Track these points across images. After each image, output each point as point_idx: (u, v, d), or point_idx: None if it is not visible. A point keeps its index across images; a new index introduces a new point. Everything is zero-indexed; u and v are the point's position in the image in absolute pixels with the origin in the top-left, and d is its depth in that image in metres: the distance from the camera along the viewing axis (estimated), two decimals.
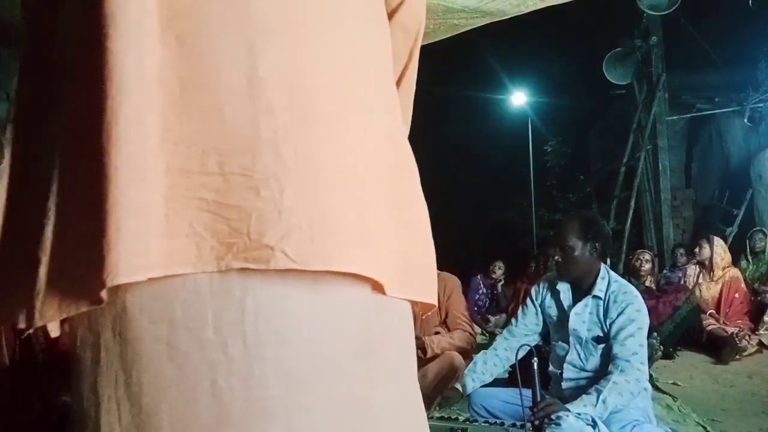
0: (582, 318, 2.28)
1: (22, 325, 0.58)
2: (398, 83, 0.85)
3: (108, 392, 0.58)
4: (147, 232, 0.55)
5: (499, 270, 6.87)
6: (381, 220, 0.65)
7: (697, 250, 5.24)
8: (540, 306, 2.49)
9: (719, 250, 5.13)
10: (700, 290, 5.03)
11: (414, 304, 0.73)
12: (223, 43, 0.59)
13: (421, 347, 2.79)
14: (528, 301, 2.54)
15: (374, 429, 0.63)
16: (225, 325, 0.57)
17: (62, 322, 0.62)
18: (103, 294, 0.54)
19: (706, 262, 5.15)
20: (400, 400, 0.67)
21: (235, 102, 0.58)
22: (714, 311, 4.85)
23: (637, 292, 2.28)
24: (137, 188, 0.55)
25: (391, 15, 0.80)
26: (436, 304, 0.74)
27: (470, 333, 2.96)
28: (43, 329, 0.61)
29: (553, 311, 2.44)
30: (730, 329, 4.37)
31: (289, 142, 0.59)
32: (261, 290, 0.58)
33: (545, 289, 2.49)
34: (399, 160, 0.70)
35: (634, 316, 2.16)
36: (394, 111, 0.73)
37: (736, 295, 4.85)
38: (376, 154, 0.66)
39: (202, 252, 0.57)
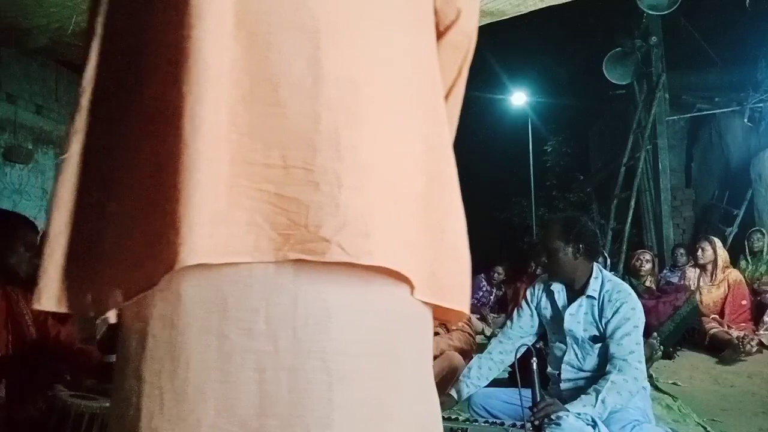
0: (577, 318, 2.28)
1: (91, 313, 0.61)
2: (446, 97, 0.87)
3: (152, 379, 0.59)
4: (211, 220, 0.57)
5: (498, 275, 7.06)
6: (414, 223, 0.66)
7: (699, 253, 5.06)
8: (536, 308, 2.49)
9: (721, 252, 5.01)
10: (701, 294, 4.87)
11: (445, 312, 0.74)
12: (290, 43, 0.61)
13: None
14: (523, 303, 2.55)
15: (405, 430, 0.64)
16: (276, 317, 0.58)
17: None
18: (158, 279, 0.55)
19: (709, 266, 5.00)
20: (419, 404, 0.68)
21: (299, 99, 0.60)
22: (717, 316, 4.73)
23: (631, 290, 2.28)
24: (210, 176, 0.57)
25: (443, 33, 0.82)
26: (468, 311, 0.74)
27: (469, 334, 2.97)
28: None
29: (548, 312, 2.45)
30: (735, 333, 4.31)
31: (347, 140, 0.61)
32: (312, 285, 0.60)
33: (540, 291, 2.49)
34: (435, 165, 0.71)
35: (630, 315, 2.17)
36: (435, 116, 0.74)
37: (743, 302, 4.77)
38: (414, 156, 0.68)
39: (260, 242, 0.58)
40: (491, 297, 7.00)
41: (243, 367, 0.58)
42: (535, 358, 2.00)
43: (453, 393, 2.40)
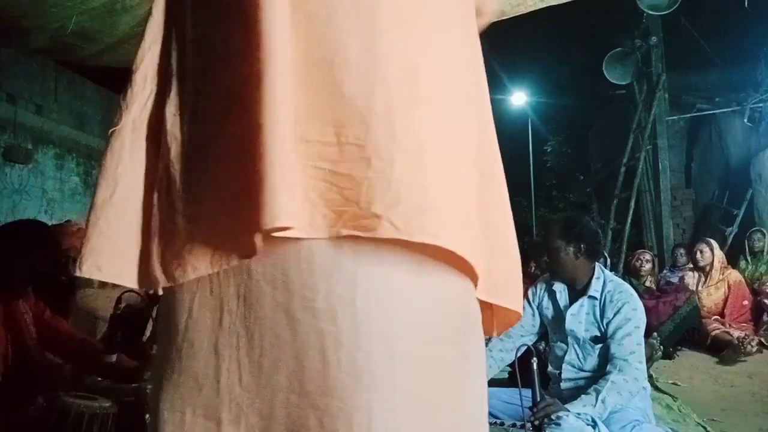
0: (578, 318, 2.28)
1: (166, 282, 0.62)
2: None
3: (229, 353, 0.61)
4: (283, 192, 0.58)
5: None
6: (472, 216, 0.66)
7: (698, 255, 5.06)
8: (537, 307, 2.49)
9: (718, 253, 5.02)
10: (700, 297, 4.85)
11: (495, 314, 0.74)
12: (347, 24, 0.62)
13: None
14: (524, 302, 2.54)
15: (464, 417, 0.65)
16: (336, 297, 0.59)
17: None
18: (258, 245, 0.56)
19: (707, 267, 5.01)
20: (479, 390, 0.69)
21: (354, 78, 0.61)
22: (718, 317, 4.74)
23: (632, 291, 2.28)
24: (281, 152, 0.58)
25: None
26: (521, 311, 0.73)
27: None
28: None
29: (549, 312, 2.44)
30: (736, 333, 4.31)
31: (401, 118, 0.61)
32: (372, 266, 0.60)
33: (542, 290, 2.49)
34: (487, 163, 0.71)
35: (631, 315, 2.16)
36: (484, 112, 0.74)
37: (744, 302, 4.77)
38: (468, 149, 0.68)
39: (314, 219, 0.59)
40: None
41: (308, 346, 0.59)
42: (535, 358, 2.00)
43: None
